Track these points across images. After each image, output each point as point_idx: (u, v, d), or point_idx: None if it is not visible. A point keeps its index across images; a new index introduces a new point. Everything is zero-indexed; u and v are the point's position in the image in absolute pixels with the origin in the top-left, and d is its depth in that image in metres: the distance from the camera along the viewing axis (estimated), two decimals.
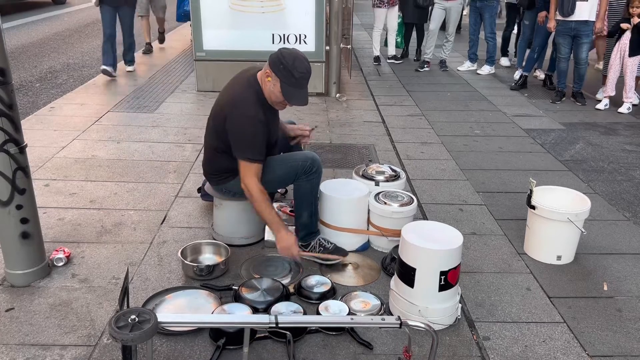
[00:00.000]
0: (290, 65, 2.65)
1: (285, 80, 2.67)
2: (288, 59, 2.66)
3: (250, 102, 2.73)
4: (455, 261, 2.40)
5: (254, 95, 2.75)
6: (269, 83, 2.72)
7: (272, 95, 2.75)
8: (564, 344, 2.43)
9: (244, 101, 2.73)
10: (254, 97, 2.74)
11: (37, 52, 8.65)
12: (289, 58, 2.66)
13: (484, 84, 7.17)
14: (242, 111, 2.71)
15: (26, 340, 2.34)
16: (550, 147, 4.91)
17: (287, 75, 2.66)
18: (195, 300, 2.60)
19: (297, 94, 2.73)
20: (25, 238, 2.66)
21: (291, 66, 2.65)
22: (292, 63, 2.65)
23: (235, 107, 2.74)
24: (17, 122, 2.53)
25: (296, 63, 2.66)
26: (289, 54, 2.68)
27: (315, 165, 2.88)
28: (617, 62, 5.95)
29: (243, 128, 2.72)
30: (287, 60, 2.65)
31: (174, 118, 5.40)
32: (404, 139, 5.00)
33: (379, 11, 7.91)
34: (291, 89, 2.70)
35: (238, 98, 2.76)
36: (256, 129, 2.71)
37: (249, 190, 2.75)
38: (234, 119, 2.73)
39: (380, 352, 2.32)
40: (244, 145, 2.74)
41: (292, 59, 2.66)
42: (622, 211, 3.71)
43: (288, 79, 2.67)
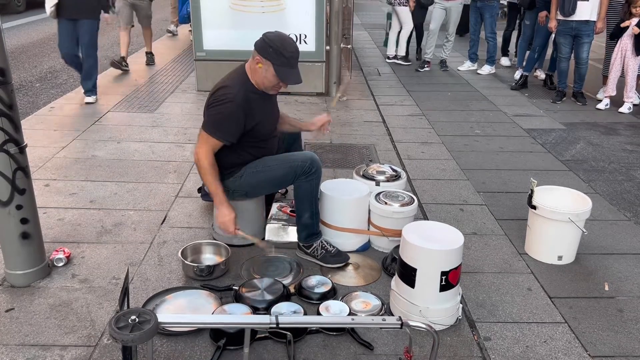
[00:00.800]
0: (279, 46, 2.69)
1: (277, 62, 2.71)
2: (276, 41, 2.71)
3: (232, 86, 2.78)
4: (456, 261, 2.40)
5: (239, 82, 2.81)
6: (260, 69, 2.76)
7: (265, 80, 2.78)
8: (565, 344, 2.42)
9: (226, 87, 2.80)
10: (238, 83, 2.80)
11: (37, 52, 8.64)
12: (277, 40, 2.71)
13: (485, 83, 7.16)
14: (221, 92, 2.79)
15: (26, 340, 2.33)
16: (550, 147, 4.91)
17: (279, 57, 2.70)
18: (195, 300, 2.59)
19: (291, 74, 2.77)
20: (25, 238, 2.65)
21: (281, 47, 2.70)
22: (281, 44, 2.70)
23: (217, 90, 2.82)
24: (17, 122, 2.52)
25: (284, 44, 2.72)
26: (275, 37, 2.73)
27: (314, 166, 2.87)
28: (619, 62, 5.94)
29: (217, 108, 2.78)
30: (275, 42, 2.70)
31: (174, 118, 5.39)
32: (404, 139, 4.99)
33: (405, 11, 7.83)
34: (284, 69, 2.74)
35: (222, 83, 2.85)
36: (229, 110, 2.75)
37: (198, 158, 2.80)
38: (213, 101, 2.81)
39: (381, 353, 2.32)
40: (212, 120, 2.80)
41: (279, 41, 2.71)
42: (623, 211, 3.70)
43: (279, 60, 2.70)
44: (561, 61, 6.24)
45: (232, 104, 2.75)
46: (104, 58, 7.46)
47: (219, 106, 2.77)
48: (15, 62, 7.84)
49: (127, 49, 7.18)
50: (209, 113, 2.83)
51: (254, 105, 2.81)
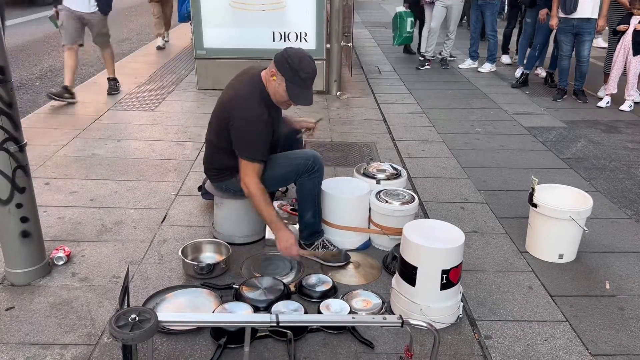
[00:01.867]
0: (296, 65, 2.64)
1: (290, 80, 2.66)
2: (294, 59, 2.65)
3: (255, 101, 2.71)
4: (456, 260, 2.39)
5: (258, 95, 2.74)
6: (274, 82, 2.71)
7: (277, 94, 2.74)
8: (566, 342, 2.42)
9: (248, 100, 2.72)
10: (258, 97, 2.73)
11: (37, 50, 8.64)
12: (295, 58, 2.65)
13: (485, 81, 7.15)
14: (246, 110, 2.70)
15: (26, 339, 2.33)
16: (551, 145, 4.90)
17: (293, 75, 2.65)
18: (195, 299, 2.59)
19: (302, 94, 2.72)
20: (26, 237, 2.65)
21: (297, 66, 2.64)
22: (299, 63, 2.64)
23: (240, 106, 2.72)
24: (17, 120, 2.52)
25: (302, 63, 2.65)
26: (295, 54, 2.67)
27: (317, 164, 2.87)
28: (621, 60, 5.93)
29: (247, 127, 2.71)
30: (293, 60, 2.64)
31: (175, 116, 5.39)
32: (405, 137, 4.99)
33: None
34: (296, 89, 2.69)
35: (242, 97, 2.75)
36: (260, 129, 2.70)
37: (249, 189, 2.74)
38: (238, 118, 2.72)
39: (381, 351, 2.31)
40: (246, 144, 2.73)
41: (298, 59, 2.65)
42: (624, 209, 3.69)
43: (293, 79, 2.66)
44: (562, 59, 6.23)
45: (263, 124, 2.69)
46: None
47: (248, 127, 2.70)
48: (15, 61, 7.83)
49: (73, 75, 5.62)
50: (240, 135, 2.72)
51: (273, 116, 2.79)
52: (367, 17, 13.12)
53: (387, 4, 16.02)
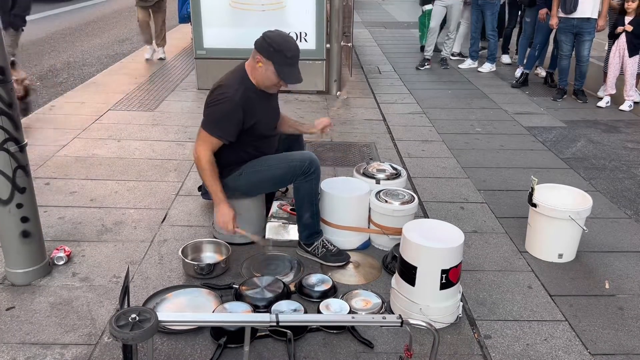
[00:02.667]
0: (281, 45, 2.70)
1: (278, 62, 2.71)
2: (277, 41, 2.71)
3: (231, 85, 2.79)
4: (456, 259, 2.40)
5: (238, 80, 2.81)
6: (260, 69, 2.76)
7: (266, 79, 2.79)
8: (566, 342, 2.42)
9: (223, 86, 2.81)
10: (237, 81, 2.80)
11: (37, 50, 8.64)
12: (278, 39, 2.72)
13: (485, 81, 7.15)
14: (220, 91, 2.80)
15: (27, 339, 2.34)
16: (551, 144, 4.90)
17: (280, 56, 2.70)
18: (195, 299, 2.59)
19: (292, 73, 2.77)
20: (26, 237, 2.66)
21: (282, 46, 2.70)
22: (283, 43, 2.71)
23: (215, 91, 2.82)
24: (17, 120, 2.52)
25: (286, 43, 2.72)
26: (276, 36, 2.74)
27: (313, 166, 2.87)
28: (617, 61, 5.96)
29: (215, 104, 2.79)
30: (276, 42, 2.70)
31: (175, 116, 5.39)
32: (404, 137, 4.99)
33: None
34: (285, 69, 2.74)
35: (221, 82, 2.85)
36: (227, 108, 2.76)
37: (198, 157, 2.80)
38: (211, 97, 2.82)
39: (381, 351, 2.32)
40: (210, 117, 2.81)
41: (281, 40, 2.72)
42: (624, 209, 3.70)
43: (281, 60, 2.71)
44: (562, 59, 6.23)
45: (230, 102, 2.75)
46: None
47: (217, 105, 2.78)
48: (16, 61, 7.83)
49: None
50: (207, 112, 2.83)
51: (252, 103, 2.81)
52: (367, 17, 13.12)
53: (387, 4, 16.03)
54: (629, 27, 5.74)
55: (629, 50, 5.82)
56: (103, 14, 8.43)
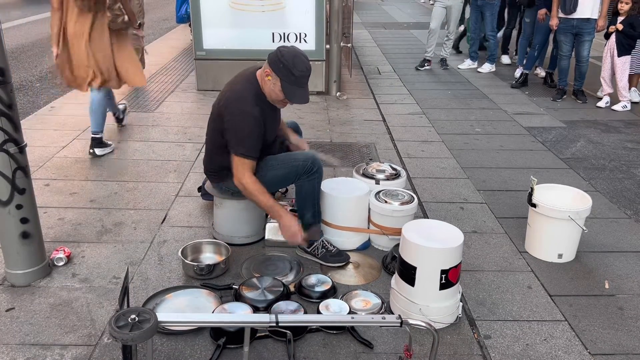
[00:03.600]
0: (290, 63, 2.65)
1: (285, 79, 2.68)
2: (287, 58, 2.66)
3: (248, 99, 2.74)
4: (456, 260, 2.40)
5: (252, 93, 2.76)
6: (269, 82, 2.73)
7: (273, 93, 2.76)
8: (566, 342, 2.42)
9: (241, 98, 2.75)
10: (252, 94, 2.76)
11: (37, 51, 8.65)
12: (289, 56, 2.66)
13: (485, 82, 7.16)
14: (238, 107, 2.73)
15: (26, 340, 2.34)
16: (551, 145, 4.90)
17: (287, 74, 2.66)
18: (195, 299, 2.59)
19: (298, 92, 2.73)
20: (26, 238, 2.66)
21: (291, 65, 2.65)
22: (292, 61, 2.66)
23: (233, 104, 2.76)
24: (17, 121, 2.53)
25: (296, 61, 2.66)
26: (288, 53, 2.68)
27: (315, 165, 2.87)
28: (608, 61, 5.99)
29: (238, 124, 2.73)
30: (286, 58, 2.66)
31: (174, 117, 5.39)
32: (404, 138, 4.99)
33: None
34: (292, 87, 2.70)
35: (236, 95, 2.78)
36: (251, 126, 2.73)
37: (243, 185, 2.76)
38: (231, 115, 2.75)
39: (380, 351, 2.32)
40: (238, 141, 2.75)
41: (291, 58, 2.66)
42: (624, 209, 3.70)
43: (288, 78, 2.67)
44: (562, 59, 6.24)
45: (254, 120, 2.71)
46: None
47: (241, 123, 2.72)
48: (15, 62, 7.84)
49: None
50: (233, 132, 2.74)
51: (266, 116, 2.80)
52: (366, 18, 13.13)
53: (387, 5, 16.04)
54: (619, 26, 5.76)
55: (618, 50, 5.86)
56: None
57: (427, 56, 7.82)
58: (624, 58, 5.86)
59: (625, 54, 5.86)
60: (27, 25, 10.70)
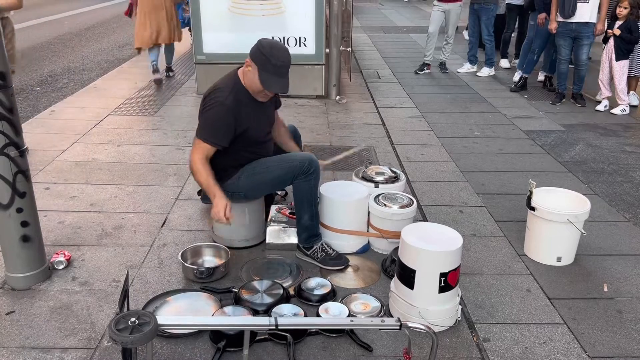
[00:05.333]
0: (267, 52, 2.71)
1: (262, 68, 2.73)
2: (266, 47, 2.73)
3: (224, 90, 2.81)
4: (455, 263, 2.41)
5: (229, 85, 2.83)
6: (249, 73, 2.79)
7: (252, 84, 2.81)
8: (565, 345, 2.42)
9: (218, 90, 2.83)
10: (229, 87, 2.83)
11: (37, 55, 8.67)
12: (267, 46, 2.74)
13: (484, 85, 7.17)
14: (212, 96, 2.82)
15: (27, 343, 2.34)
16: (550, 148, 4.92)
17: (265, 62, 2.72)
18: (195, 302, 2.60)
19: (275, 81, 2.76)
20: (26, 241, 2.66)
21: (269, 53, 2.71)
22: (270, 51, 2.72)
23: (209, 96, 2.85)
24: (18, 125, 2.54)
25: (273, 51, 2.73)
26: (267, 43, 2.76)
27: (313, 166, 2.89)
28: (606, 65, 6.01)
29: (207, 110, 2.82)
30: (265, 48, 2.73)
31: (175, 121, 5.41)
32: (403, 141, 5.00)
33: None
34: (269, 76, 2.74)
35: (213, 88, 2.87)
36: (219, 113, 2.78)
37: (194, 164, 2.82)
38: (205, 104, 2.85)
39: (380, 354, 2.32)
40: (204, 124, 2.84)
41: (269, 47, 2.74)
42: (622, 212, 3.70)
43: (265, 66, 2.72)
44: (561, 63, 6.26)
45: (222, 107, 2.77)
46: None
47: (209, 111, 2.81)
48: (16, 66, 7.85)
49: None
50: (201, 118, 2.87)
51: (244, 109, 2.83)
52: (366, 22, 13.16)
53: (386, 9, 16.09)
54: (617, 31, 5.79)
55: (616, 54, 5.89)
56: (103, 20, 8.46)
57: (426, 60, 7.84)
58: (622, 62, 5.89)
59: (623, 58, 5.89)
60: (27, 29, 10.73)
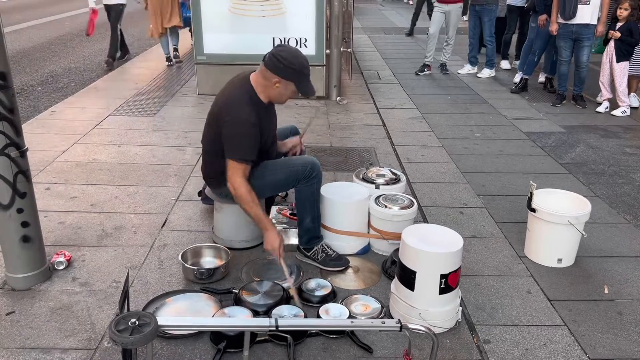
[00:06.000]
0: (298, 65, 2.71)
1: (299, 81, 2.75)
2: (293, 61, 2.70)
3: (243, 104, 2.77)
4: (455, 264, 2.40)
5: (248, 99, 2.79)
6: (278, 89, 2.76)
7: (283, 96, 2.82)
8: (565, 347, 2.42)
9: (237, 104, 2.78)
10: (247, 100, 2.78)
11: (38, 56, 8.67)
12: (293, 59, 2.71)
13: (484, 87, 7.17)
14: (235, 114, 2.76)
15: (27, 344, 2.34)
16: (550, 150, 4.91)
17: (299, 75, 2.73)
18: (195, 303, 2.60)
19: (310, 86, 2.82)
20: (26, 242, 2.66)
21: (300, 66, 2.72)
22: (299, 62, 2.72)
23: (229, 110, 2.78)
24: (18, 125, 2.54)
25: (301, 61, 2.74)
26: (290, 56, 2.72)
27: (315, 170, 2.88)
28: (607, 67, 6.01)
29: (234, 130, 2.76)
30: (293, 62, 2.70)
31: (175, 122, 5.41)
32: (404, 142, 5.00)
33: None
34: (305, 84, 2.79)
35: (231, 101, 2.80)
36: (247, 131, 2.75)
37: (235, 189, 2.76)
38: (227, 121, 2.77)
39: (380, 356, 2.32)
40: (234, 145, 2.78)
41: (296, 59, 2.72)
42: (623, 214, 3.70)
43: (302, 78, 2.74)
44: (561, 64, 6.26)
45: (249, 125, 2.73)
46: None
47: (237, 129, 2.74)
48: (17, 66, 7.86)
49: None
50: (229, 138, 2.76)
51: (263, 119, 2.82)
52: (366, 23, 13.16)
53: (386, 10, 16.08)
54: (616, 34, 5.79)
55: (616, 56, 5.89)
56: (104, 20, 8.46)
57: (426, 61, 7.84)
58: (622, 64, 5.89)
59: (624, 60, 5.89)
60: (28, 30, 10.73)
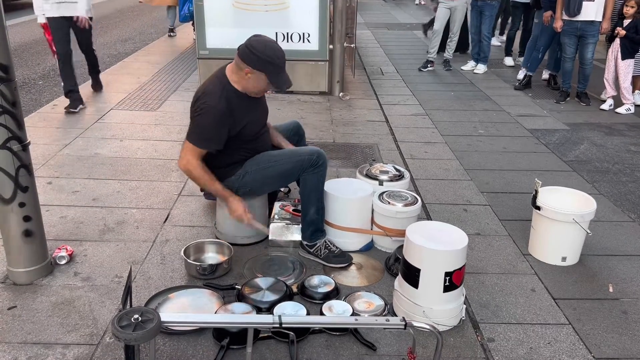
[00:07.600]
0: (271, 56, 2.70)
1: (271, 71, 2.73)
2: (267, 52, 2.70)
3: (213, 93, 2.77)
4: (460, 262, 2.39)
5: (219, 87, 2.79)
6: (250, 79, 2.76)
7: (256, 88, 2.81)
8: (569, 345, 2.41)
9: (208, 92, 2.79)
10: (219, 89, 2.79)
11: (40, 49, 8.65)
12: (267, 50, 2.70)
13: (488, 83, 7.14)
14: (203, 101, 2.77)
15: (28, 338, 2.33)
16: (554, 147, 4.89)
17: (272, 66, 2.72)
18: (198, 299, 2.59)
19: (284, 78, 2.80)
20: (28, 236, 2.65)
21: (272, 57, 2.71)
22: (272, 53, 2.71)
23: (200, 98, 2.80)
24: (20, 119, 2.52)
25: (274, 52, 2.73)
26: (263, 46, 2.71)
27: (321, 159, 2.88)
28: (612, 64, 5.98)
29: (198, 115, 2.78)
30: (264, 53, 2.69)
31: (177, 116, 5.39)
32: (407, 139, 4.98)
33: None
34: (278, 76, 2.76)
35: (203, 90, 2.83)
36: (211, 119, 2.75)
37: (188, 167, 2.80)
38: (196, 109, 2.80)
39: (384, 353, 2.31)
40: (194, 129, 2.80)
41: (269, 50, 2.71)
42: (628, 212, 3.68)
43: (273, 69, 2.72)
44: (566, 61, 6.23)
45: (214, 111, 2.73)
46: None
47: (201, 115, 2.76)
48: (19, 60, 7.84)
49: None
50: (193, 123, 2.82)
51: (237, 108, 2.81)
52: (370, 19, 13.12)
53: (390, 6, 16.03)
54: (622, 32, 5.76)
55: (622, 53, 5.86)
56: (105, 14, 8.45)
57: (430, 57, 7.80)
58: (627, 61, 5.86)
59: (629, 57, 5.86)
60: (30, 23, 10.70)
